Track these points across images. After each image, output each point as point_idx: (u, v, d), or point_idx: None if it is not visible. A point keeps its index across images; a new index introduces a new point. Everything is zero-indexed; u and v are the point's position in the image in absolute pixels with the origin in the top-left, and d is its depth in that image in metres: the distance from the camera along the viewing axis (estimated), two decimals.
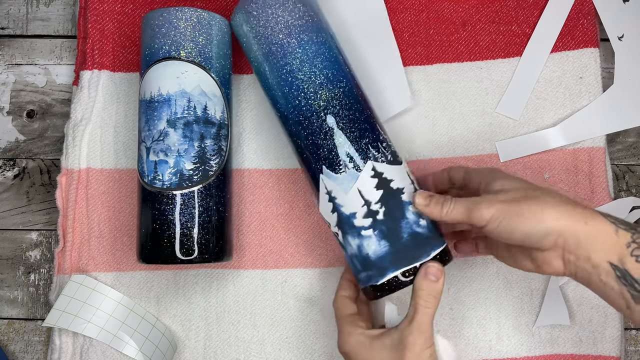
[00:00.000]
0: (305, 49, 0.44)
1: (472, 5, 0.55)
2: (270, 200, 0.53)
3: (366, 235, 0.41)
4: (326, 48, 0.45)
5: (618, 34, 0.53)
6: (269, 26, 0.44)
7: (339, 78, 0.44)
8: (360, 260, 0.42)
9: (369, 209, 0.41)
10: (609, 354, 0.50)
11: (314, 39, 0.44)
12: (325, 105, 0.43)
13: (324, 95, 0.43)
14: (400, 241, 0.41)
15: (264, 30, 0.45)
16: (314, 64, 0.44)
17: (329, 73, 0.44)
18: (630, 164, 0.55)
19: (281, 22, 0.44)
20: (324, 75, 0.44)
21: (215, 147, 0.47)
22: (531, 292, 0.51)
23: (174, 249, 0.44)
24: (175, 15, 0.46)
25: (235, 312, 0.52)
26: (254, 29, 0.45)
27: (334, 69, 0.44)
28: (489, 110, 0.54)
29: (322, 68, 0.44)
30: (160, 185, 0.45)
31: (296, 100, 0.44)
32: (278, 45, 0.44)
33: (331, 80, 0.44)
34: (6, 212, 0.56)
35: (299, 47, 0.44)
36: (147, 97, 0.47)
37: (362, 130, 0.43)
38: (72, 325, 0.48)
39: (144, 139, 0.46)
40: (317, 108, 0.43)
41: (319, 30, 0.45)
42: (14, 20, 0.59)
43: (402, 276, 0.41)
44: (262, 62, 0.45)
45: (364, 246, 0.42)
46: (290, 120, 0.45)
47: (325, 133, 0.43)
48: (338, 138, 0.43)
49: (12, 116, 0.57)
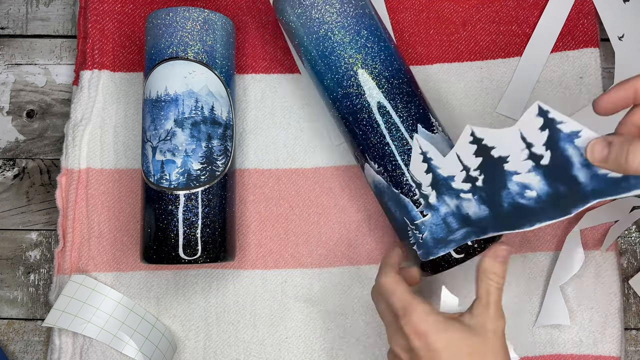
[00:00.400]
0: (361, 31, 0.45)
1: (472, 5, 0.55)
2: (270, 200, 0.53)
3: (466, 198, 0.40)
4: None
5: (618, 34, 0.53)
6: (320, 11, 0.45)
7: (397, 60, 0.46)
8: (458, 218, 0.41)
9: (468, 174, 0.40)
10: (609, 354, 0.50)
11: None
12: (381, 84, 0.45)
13: (383, 75, 0.45)
14: (501, 208, 0.39)
15: (311, 15, 0.45)
16: (372, 47, 0.45)
17: (388, 54, 0.46)
18: None
19: (331, 6, 0.45)
20: (380, 57, 0.45)
21: (222, 148, 0.47)
22: (531, 292, 0.51)
23: (178, 249, 0.44)
24: (183, 15, 0.47)
25: (235, 312, 0.52)
26: (301, 14, 0.46)
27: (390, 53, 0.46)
28: (489, 110, 0.54)
29: (378, 51, 0.45)
30: (168, 185, 0.45)
31: (354, 82, 0.45)
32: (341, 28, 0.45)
33: (390, 60, 0.46)
34: (6, 212, 0.56)
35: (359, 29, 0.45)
36: (152, 97, 0.47)
37: (427, 110, 0.46)
38: (72, 325, 0.48)
39: (149, 139, 0.46)
40: (373, 90, 0.44)
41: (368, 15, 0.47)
42: (14, 20, 0.58)
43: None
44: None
45: (463, 207, 0.41)
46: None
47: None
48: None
49: (12, 116, 0.57)
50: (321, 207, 0.53)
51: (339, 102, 0.46)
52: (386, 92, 0.44)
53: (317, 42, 0.46)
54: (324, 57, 0.45)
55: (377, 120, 0.44)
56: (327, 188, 0.53)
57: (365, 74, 0.44)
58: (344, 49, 0.45)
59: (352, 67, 0.45)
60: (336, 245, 0.52)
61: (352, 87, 0.45)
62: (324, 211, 0.53)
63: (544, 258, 0.52)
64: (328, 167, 0.53)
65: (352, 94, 0.45)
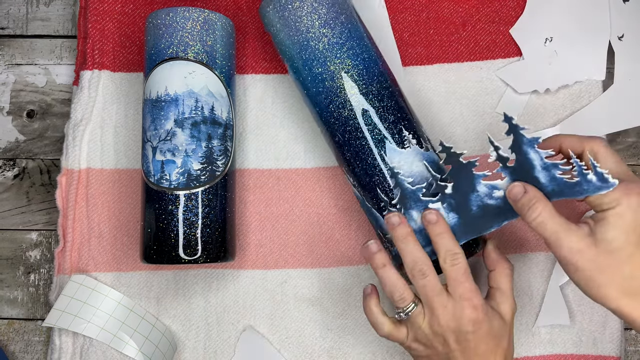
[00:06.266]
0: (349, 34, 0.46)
1: (472, 5, 0.55)
2: (270, 200, 0.53)
3: (434, 207, 0.42)
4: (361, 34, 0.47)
5: (618, 34, 0.53)
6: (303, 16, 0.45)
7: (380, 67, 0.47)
8: (425, 237, 0.42)
9: (437, 182, 0.41)
10: (609, 354, 0.50)
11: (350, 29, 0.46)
12: (366, 92, 0.45)
13: (367, 82, 0.45)
14: (470, 213, 0.41)
15: (297, 21, 0.45)
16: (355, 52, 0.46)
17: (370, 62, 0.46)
18: (630, 164, 0.55)
19: (316, 16, 0.45)
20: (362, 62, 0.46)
21: (222, 148, 0.47)
22: (531, 292, 0.51)
23: (178, 249, 0.44)
24: (183, 15, 0.47)
25: (235, 312, 0.52)
26: (286, 21, 0.46)
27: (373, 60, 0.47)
28: (488, 110, 0.54)
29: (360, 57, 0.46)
30: (168, 185, 0.45)
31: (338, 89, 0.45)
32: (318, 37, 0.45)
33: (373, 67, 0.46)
34: (6, 212, 0.56)
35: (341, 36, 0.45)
36: (152, 97, 0.47)
37: (409, 119, 0.46)
38: (72, 325, 0.48)
39: (149, 139, 0.46)
40: (356, 97, 0.45)
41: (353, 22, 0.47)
42: (14, 20, 0.59)
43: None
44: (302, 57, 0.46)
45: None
46: (330, 109, 0.45)
47: (379, 118, 0.45)
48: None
49: (12, 116, 0.57)
50: (321, 207, 0.53)
51: (323, 115, 0.47)
52: (364, 106, 0.45)
53: (300, 52, 0.46)
54: (307, 69, 0.46)
55: (348, 139, 0.45)
56: (327, 188, 0.53)
57: (346, 88, 0.45)
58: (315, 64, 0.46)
59: (331, 79, 0.45)
60: (336, 245, 0.52)
61: (334, 102, 0.45)
62: (324, 211, 0.53)
63: (544, 258, 0.52)
64: (328, 167, 0.53)
65: (332, 110, 0.46)
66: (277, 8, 0.46)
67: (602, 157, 0.39)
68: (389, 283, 0.42)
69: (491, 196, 0.40)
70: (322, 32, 0.45)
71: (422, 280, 0.40)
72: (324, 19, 0.45)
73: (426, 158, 0.43)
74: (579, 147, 0.40)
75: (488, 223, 0.41)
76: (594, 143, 0.39)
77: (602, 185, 0.36)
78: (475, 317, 0.39)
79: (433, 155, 0.45)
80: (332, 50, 0.45)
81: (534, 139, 0.37)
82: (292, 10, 0.45)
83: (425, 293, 0.40)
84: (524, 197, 0.38)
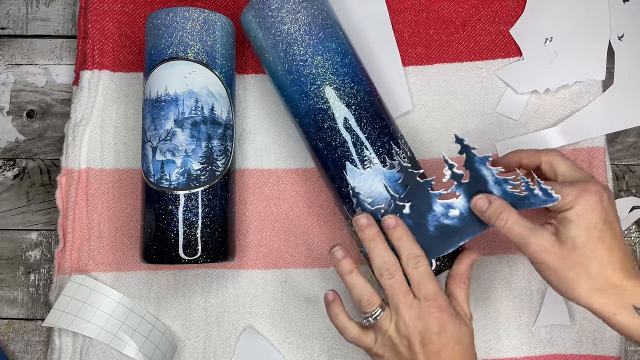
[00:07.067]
0: (324, 45, 0.45)
1: (472, 5, 0.55)
2: (270, 200, 0.53)
3: None
4: (343, 45, 0.47)
5: (618, 34, 0.53)
6: (285, 24, 0.45)
7: (358, 76, 0.46)
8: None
9: (395, 203, 0.42)
10: (609, 354, 0.50)
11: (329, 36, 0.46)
12: (346, 104, 0.45)
13: (345, 93, 0.45)
14: (427, 234, 0.41)
15: (278, 28, 0.45)
16: (333, 61, 0.45)
17: (349, 71, 0.45)
18: (630, 164, 0.55)
19: (296, 20, 0.45)
20: (342, 74, 0.45)
21: (222, 148, 0.47)
22: (531, 292, 0.51)
23: (178, 249, 0.44)
24: (183, 15, 0.47)
25: (235, 312, 0.52)
26: (267, 28, 0.46)
27: (352, 68, 0.46)
28: (488, 110, 0.54)
29: (340, 66, 0.45)
30: (167, 185, 0.45)
31: (315, 98, 0.45)
32: (294, 44, 0.45)
33: (351, 77, 0.45)
34: (6, 212, 0.56)
35: (317, 44, 0.45)
36: (152, 97, 0.47)
37: (382, 128, 0.45)
38: (72, 325, 0.48)
39: (149, 139, 0.46)
40: (338, 106, 0.45)
41: (333, 28, 0.47)
42: (14, 20, 0.59)
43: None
44: (278, 62, 0.46)
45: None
46: (308, 118, 0.45)
47: (347, 129, 0.44)
48: (361, 135, 0.44)
49: (12, 116, 0.57)
50: (321, 207, 0.53)
51: (304, 125, 0.47)
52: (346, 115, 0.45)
53: (281, 60, 0.46)
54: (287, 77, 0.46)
55: (321, 147, 0.46)
56: (326, 188, 0.53)
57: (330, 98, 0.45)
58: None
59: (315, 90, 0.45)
60: None
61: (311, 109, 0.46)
62: (324, 211, 0.53)
63: None
64: None
65: (309, 113, 0.46)
66: (257, 14, 0.46)
67: (557, 166, 0.41)
68: (357, 288, 0.42)
69: (447, 216, 0.41)
70: (299, 36, 0.45)
71: (389, 280, 0.41)
72: (303, 23, 0.45)
73: (389, 177, 0.43)
74: (537, 160, 0.43)
75: (445, 243, 0.42)
76: (549, 155, 0.42)
77: (547, 199, 0.38)
78: (439, 317, 0.40)
79: (396, 175, 0.44)
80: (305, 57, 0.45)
81: (485, 157, 0.39)
82: (271, 16, 0.45)
83: (392, 293, 0.41)
84: (489, 208, 0.40)
